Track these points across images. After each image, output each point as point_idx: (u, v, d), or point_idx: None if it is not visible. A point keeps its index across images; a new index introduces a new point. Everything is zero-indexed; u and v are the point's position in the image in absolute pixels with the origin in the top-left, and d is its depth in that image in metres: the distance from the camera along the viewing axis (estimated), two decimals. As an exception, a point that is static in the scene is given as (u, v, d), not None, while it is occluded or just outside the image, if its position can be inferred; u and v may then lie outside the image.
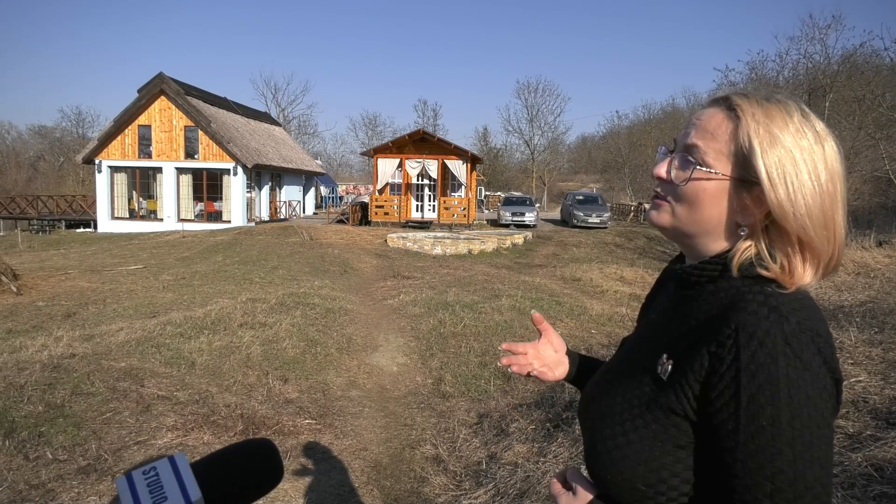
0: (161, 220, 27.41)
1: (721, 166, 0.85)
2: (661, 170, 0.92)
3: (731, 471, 0.75)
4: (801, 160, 0.81)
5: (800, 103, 0.86)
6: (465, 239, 18.78)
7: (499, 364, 3.20)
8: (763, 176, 0.81)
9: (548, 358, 1.22)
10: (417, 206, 27.92)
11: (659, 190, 0.94)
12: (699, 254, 0.91)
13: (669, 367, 0.84)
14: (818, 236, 0.81)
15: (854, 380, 3.20)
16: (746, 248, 0.84)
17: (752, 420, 0.74)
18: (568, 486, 0.99)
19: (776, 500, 0.72)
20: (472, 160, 26.74)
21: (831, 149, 0.83)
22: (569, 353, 1.25)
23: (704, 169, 0.86)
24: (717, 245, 0.89)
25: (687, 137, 0.90)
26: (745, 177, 0.84)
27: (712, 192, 0.86)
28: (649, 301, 1.11)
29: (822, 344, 0.76)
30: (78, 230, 28.15)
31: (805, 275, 0.82)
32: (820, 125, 0.84)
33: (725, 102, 0.87)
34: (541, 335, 1.23)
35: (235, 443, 0.84)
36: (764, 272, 0.82)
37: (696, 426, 0.81)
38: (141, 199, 28.76)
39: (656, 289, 1.11)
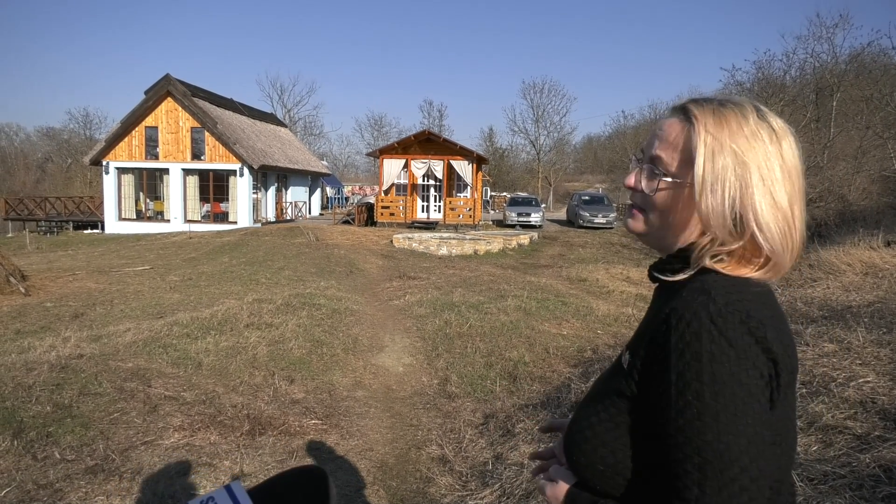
0: (168, 221, 27.54)
1: (683, 175, 0.90)
2: (631, 180, 0.98)
3: (666, 445, 0.79)
4: (755, 164, 0.84)
5: (756, 104, 0.91)
6: (470, 239, 18.78)
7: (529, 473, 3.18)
8: (697, 183, 0.86)
9: None
10: (423, 206, 27.93)
11: (631, 199, 1.00)
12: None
13: (627, 356, 0.91)
14: (778, 241, 0.84)
15: (862, 380, 3.18)
16: (703, 244, 0.89)
17: (679, 396, 0.78)
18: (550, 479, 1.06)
19: (705, 473, 0.75)
20: (478, 160, 26.73)
21: (789, 145, 0.87)
22: None
23: (669, 179, 0.91)
24: (689, 249, 0.93)
25: (651, 148, 0.95)
26: None
27: (680, 199, 0.91)
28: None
29: (753, 324, 0.78)
30: (85, 231, 28.32)
31: (756, 270, 0.86)
32: (777, 122, 0.88)
33: (683, 112, 0.92)
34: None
35: (288, 469, 0.86)
36: (708, 264, 0.86)
37: (641, 407, 0.86)
38: (148, 200, 28.90)
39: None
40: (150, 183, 28.85)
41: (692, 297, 0.82)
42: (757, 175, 0.84)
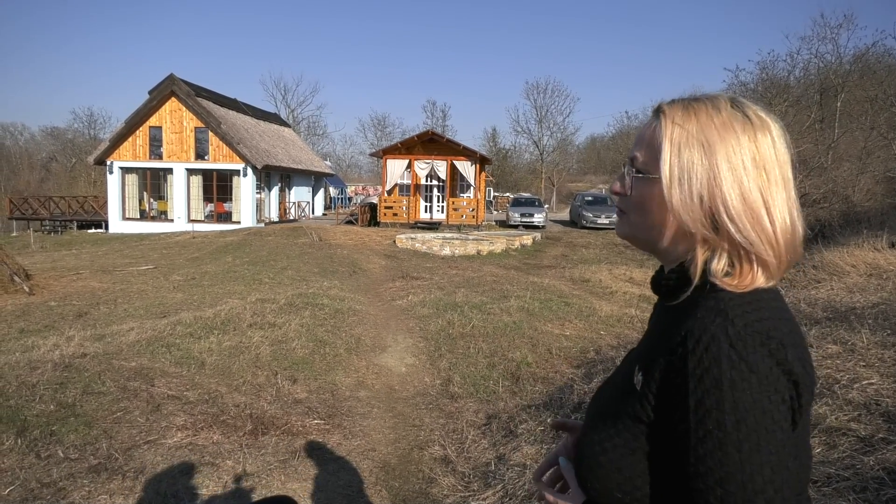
0: (171, 220, 27.61)
1: (653, 169, 0.88)
2: (617, 185, 0.96)
3: (686, 475, 0.76)
4: (723, 154, 0.82)
5: (734, 96, 0.88)
6: (473, 240, 18.78)
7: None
8: (664, 176, 0.84)
9: None
10: (426, 206, 27.93)
11: (619, 205, 0.99)
12: (669, 261, 0.93)
13: (640, 377, 0.86)
14: (751, 232, 0.81)
15: (866, 382, 3.17)
16: (701, 254, 0.85)
17: (699, 424, 0.75)
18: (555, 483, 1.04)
19: None
20: (481, 161, 26.73)
21: (765, 136, 0.83)
22: None
23: (641, 175, 0.90)
24: (681, 250, 0.89)
25: (631, 150, 0.94)
26: None
27: (654, 195, 0.88)
28: (653, 311, 1.11)
29: (774, 346, 0.75)
30: (89, 231, 28.40)
31: (757, 275, 0.82)
32: (754, 111, 0.85)
33: (657, 110, 0.91)
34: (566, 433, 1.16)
35: (259, 500, 0.86)
36: (715, 278, 0.82)
37: (659, 434, 0.82)
38: (152, 199, 28.98)
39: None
40: (153, 183, 28.93)
41: (709, 317, 0.78)
42: (725, 166, 0.81)
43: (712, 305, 0.80)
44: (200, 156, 27.36)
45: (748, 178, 0.81)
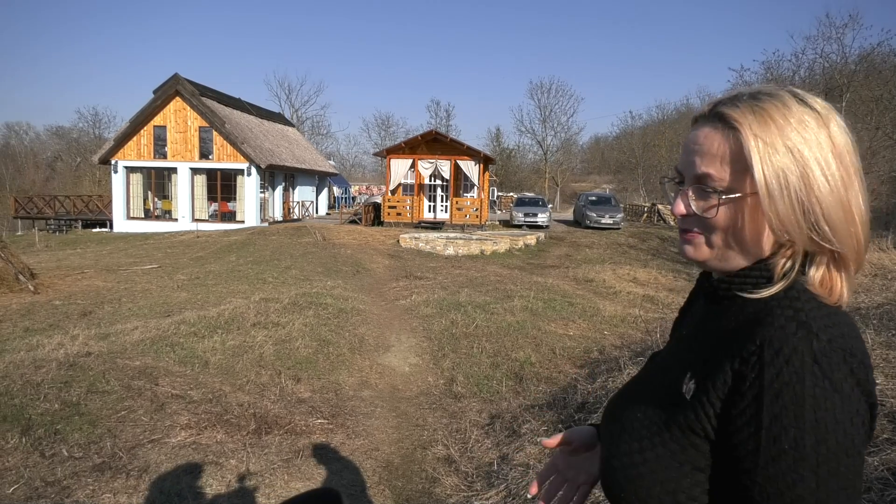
0: (176, 220, 27.66)
1: (740, 186, 0.80)
2: (681, 207, 0.87)
3: (748, 494, 0.71)
4: (812, 157, 0.77)
5: (793, 90, 0.82)
6: (477, 239, 18.76)
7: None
8: (762, 193, 0.77)
9: (581, 460, 1.13)
10: (430, 206, 27.93)
11: (685, 226, 0.89)
12: (730, 272, 0.87)
13: (693, 385, 0.81)
14: (844, 235, 0.77)
15: (871, 383, 3.16)
16: (783, 261, 0.80)
17: (773, 442, 0.69)
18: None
19: None
20: (485, 161, 26.71)
21: (837, 126, 0.78)
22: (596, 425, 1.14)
23: (726, 196, 0.81)
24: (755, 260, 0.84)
25: (694, 167, 0.85)
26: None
27: (745, 214, 0.81)
28: (682, 316, 1.06)
29: (855, 364, 0.71)
30: (94, 230, 28.48)
31: (844, 286, 0.78)
32: (820, 103, 0.80)
33: (719, 118, 0.83)
34: (567, 446, 1.12)
35: (303, 493, 0.85)
36: (799, 286, 0.78)
37: (715, 447, 0.77)
38: (156, 199, 29.03)
39: (688, 303, 1.06)
40: (158, 182, 28.99)
41: (789, 327, 0.73)
42: (817, 168, 0.76)
43: (792, 315, 0.74)
44: (205, 155, 27.42)
45: (835, 176, 0.77)
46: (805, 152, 0.77)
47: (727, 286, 0.85)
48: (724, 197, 0.81)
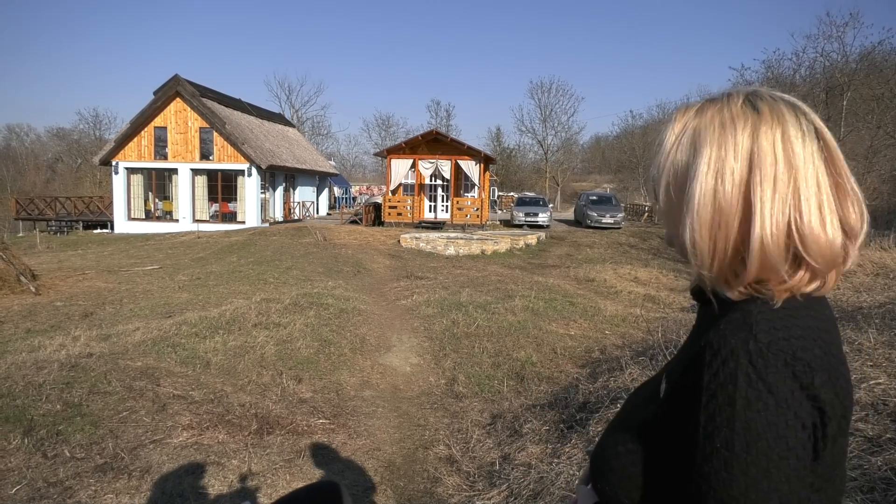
0: (176, 220, 27.68)
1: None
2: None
3: (688, 491, 0.73)
4: (709, 153, 0.77)
5: (754, 90, 0.81)
6: (478, 239, 18.76)
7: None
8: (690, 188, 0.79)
9: None
10: (430, 206, 27.93)
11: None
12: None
13: (664, 385, 0.84)
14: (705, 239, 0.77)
15: (874, 382, 3.15)
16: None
17: (707, 441, 0.71)
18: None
19: None
20: (486, 160, 26.71)
21: (772, 130, 0.76)
22: None
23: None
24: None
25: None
26: None
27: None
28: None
29: (800, 368, 0.69)
30: (95, 231, 28.50)
31: (794, 283, 0.75)
32: (768, 106, 0.78)
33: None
34: None
35: (303, 486, 0.86)
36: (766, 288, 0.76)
37: (672, 444, 0.79)
38: (157, 200, 29.06)
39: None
40: (158, 183, 29.00)
41: (731, 330, 0.73)
42: (703, 165, 0.78)
43: (738, 318, 0.74)
44: (205, 156, 27.43)
45: (738, 180, 0.76)
46: (706, 148, 0.78)
47: (698, 290, 0.86)
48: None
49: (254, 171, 26.79)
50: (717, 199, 0.76)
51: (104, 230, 28.58)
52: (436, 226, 25.17)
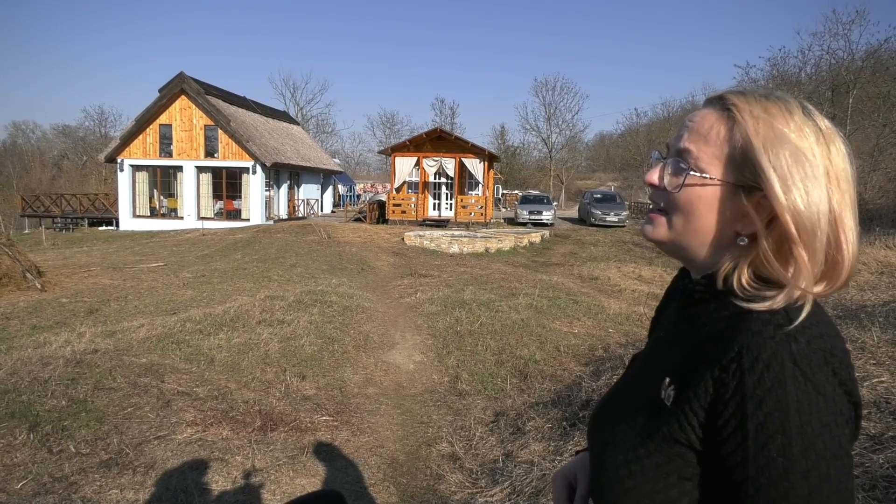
0: (181, 218, 27.76)
1: (715, 171, 0.79)
2: (654, 176, 0.85)
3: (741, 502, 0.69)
4: (807, 161, 0.74)
5: (802, 101, 0.79)
6: (482, 237, 18.76)
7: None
8: (771, 178, 0.74)
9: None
10: (435, 204, 27.94)
11: (652, 199, 0.88)
12: (700, 267, 0.85)
13: (672, 392, 0.78)
14: (826, 243, 0.73)
15: (876, 380, 3.15)
16: (747, 260, 0.78)
17: (761, 451, 0.67)
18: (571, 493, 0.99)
19: None
20: (490, 158, 26.69)
21: (837, 150, 0.76)
22: None
23: (698, 174, 0.80)
24: (718, 257, 0.82)
25: (679, 141, 0.83)
26: (743, 181, 0.77)
27: (707, 200, 0.80)
28: (658, 315, 1.04)
29: (836, 364, 0.69)
30: (100, 228, 28.62)
31: (814, 286, 0.74)
32: (825, 123, 0.77)
33: (720, 102, 0.81)
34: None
35: (304, 495, 0.86)
36: (766, 287, 0.75)
37: (702, 457, 0.75)
38: (162, 197, 29.14)
39: (664, 303, 1.03)
40: (163, 180, 29.08)
41: (766, 331, 0.70)
42: (811, 175, 0.73)
43: (767, 318, 0.72)
44: (210, 153, 27.49)
45: (831, 191, 0.74)
46: (801, 157, 0.74)
47: (702, 289, 0.82)
48: (692, 174, 0.80)
49: (258, 168, 26.84)
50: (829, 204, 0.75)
51: (109, 227, 28.70)
52: (440, 224, 25.18)
